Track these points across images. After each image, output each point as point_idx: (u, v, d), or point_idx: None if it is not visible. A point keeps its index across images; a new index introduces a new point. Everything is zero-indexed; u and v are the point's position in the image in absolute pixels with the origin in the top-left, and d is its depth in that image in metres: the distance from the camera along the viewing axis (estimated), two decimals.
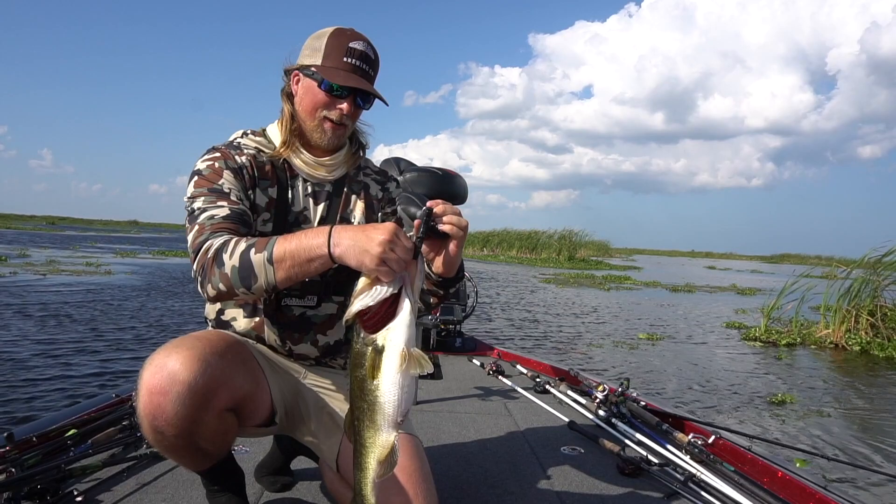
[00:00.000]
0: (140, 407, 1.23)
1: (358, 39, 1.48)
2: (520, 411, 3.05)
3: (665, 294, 18.40)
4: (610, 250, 52.66)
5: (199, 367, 1.22)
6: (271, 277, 1.18)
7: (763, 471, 2.23)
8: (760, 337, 9.27)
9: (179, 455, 1.41)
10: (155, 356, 1.25)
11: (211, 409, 1.26)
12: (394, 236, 1.08)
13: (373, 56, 1.50)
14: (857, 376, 7.19)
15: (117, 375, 5.11)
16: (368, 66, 1.48)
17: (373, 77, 1.51)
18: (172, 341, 1.31)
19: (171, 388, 1.20)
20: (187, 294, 11.17)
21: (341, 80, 1.43)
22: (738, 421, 4.80)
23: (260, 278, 1.19)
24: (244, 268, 1.19)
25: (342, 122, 1.48)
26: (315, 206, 1.56)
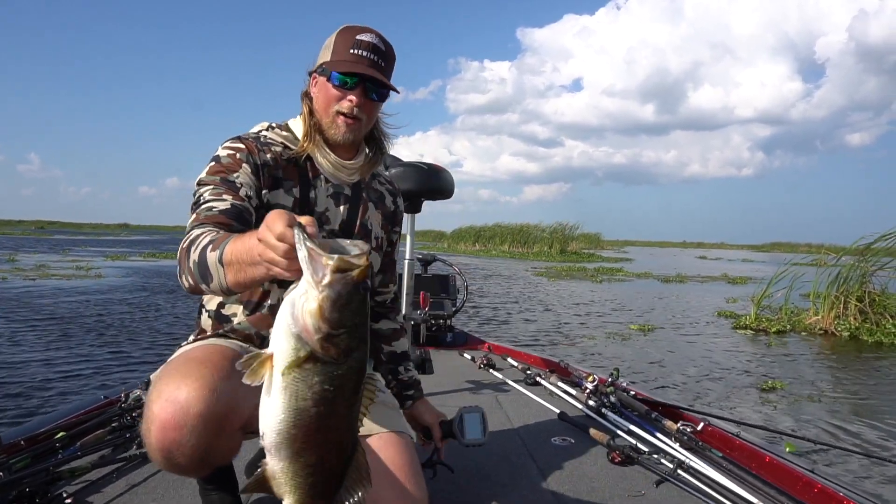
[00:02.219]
0: (152, 441, 1.18)
1: (366, 32, 1.47)
2: (511, 404, 3.06)
3: (657, 285, 18.49)
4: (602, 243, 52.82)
5: (211, 397, 1.18)
6: (223, 279, 1.10)
7: (751, 456, 2.25)
8: (751, 325, 9.35)
9: (188, 474, 1.40)
10: (163, 386, 1.19)
11: (224, 434, 1.22)
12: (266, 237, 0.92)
13: (383, 48, 1.48)
14: (847, 361, 7.26)
15: (106, 378, 5.09)
16: (378, 56, 1.46)
17: (385, 69, 1.48)
18: (176, 366, 1.26)
19: (185, 421, 1.15)
20: (178, 295, 11.12)
21: (346, 68, 1.43)
22: (728, 408, 4.84)
23: (214, 278, 1.12)
24: (202, 265, 1.14)
25: (354, 116, 1.46)
26: (336, 207, 1.55)
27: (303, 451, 0.87)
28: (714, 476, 2.08)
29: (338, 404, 0.87)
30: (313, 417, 0.85)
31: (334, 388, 0.85)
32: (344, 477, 0.93)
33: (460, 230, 47.41)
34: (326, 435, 0.87)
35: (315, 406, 0.85)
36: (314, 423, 0.85)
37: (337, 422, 0.88)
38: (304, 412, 0.85)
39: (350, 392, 0.88)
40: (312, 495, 0.90)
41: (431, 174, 2.81)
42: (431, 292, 4.38)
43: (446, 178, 2.88)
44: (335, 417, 0.87)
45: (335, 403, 0.86)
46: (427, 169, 2.79)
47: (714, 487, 2.02)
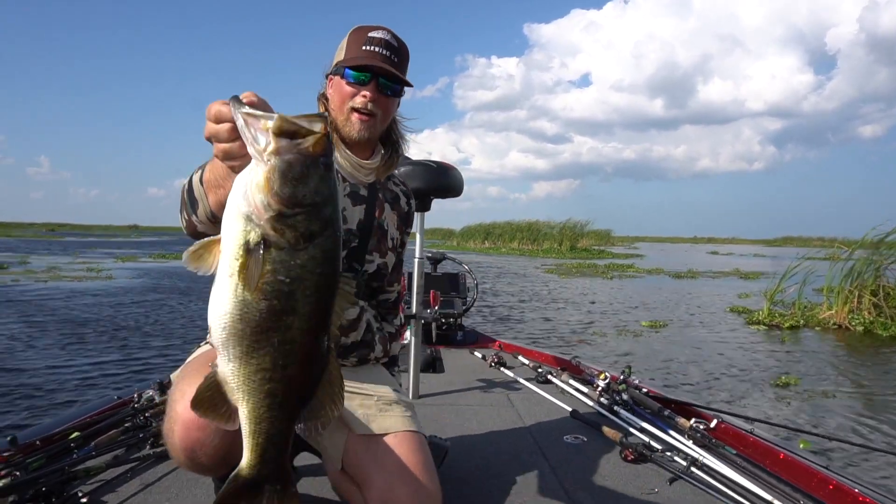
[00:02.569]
0: (176, 440, 1.18)
1: (379, 29, 1.48)
2: (522, 402, 3.05)
3: (668, 281, 18.39)
4: (612, 239, 52.62)
5: None
6: (206, 203, 1.08)
7: (765, 453, 2.23)
8: (763, 320, 9.27)
9: (209, 473, 1.41)
10: (185, 386, 1.19)
11: None
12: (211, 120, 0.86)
13: (396, 44, 1.48)
14: (861, 356, 7.18)
15: (119, 378, 5.13)
16: (391, 52, 1.47)
17: (398, 64, 1.48)
18: (197, 367, 1.26)
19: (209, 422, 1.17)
20: (189, 296, 11.20)
21: (358, 63, 1.43)
22: (742, 405, 4.80)
23: (199, 203, 1.09)
24: (190, 191, 1.12)
25: (369, 111, 1.46)
26: (353, 207, 1.56)
27: (253, 352, 0.77)
28: (728, 473, 2.06)
29: (296, 300, 0.76)
30: (264, 312, 0.75)
31: (290, 279, 0.75)
32: (311, 390, 0.84)
33: (469, 228, 47.42)
34: (284, 334, 0.77)
35: (266, 299, 0.74)
36: (265, 320, 0.75)
37: (296, 321, 0.77)
38: (252, 305, 0.74)
39: (312, 288, 0.77)
40: (269, 405, 0.81)
41: (441, 173, 2.81)
42: (441, 291, 4.38)
43: (456, 176, 2.88)
44: (293, 316, 0.77)
45: (292, 299, 0.76)
46: (437, 167, 2.79)
47: (728, 485, 2.01)
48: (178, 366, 1.45)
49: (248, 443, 0.84)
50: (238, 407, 0.81)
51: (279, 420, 0.83)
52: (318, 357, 0.83)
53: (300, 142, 0.73)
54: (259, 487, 0.88)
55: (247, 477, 0.87)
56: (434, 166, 2.78)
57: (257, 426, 0.82)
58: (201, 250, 0.78)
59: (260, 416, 0.82)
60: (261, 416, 0.82)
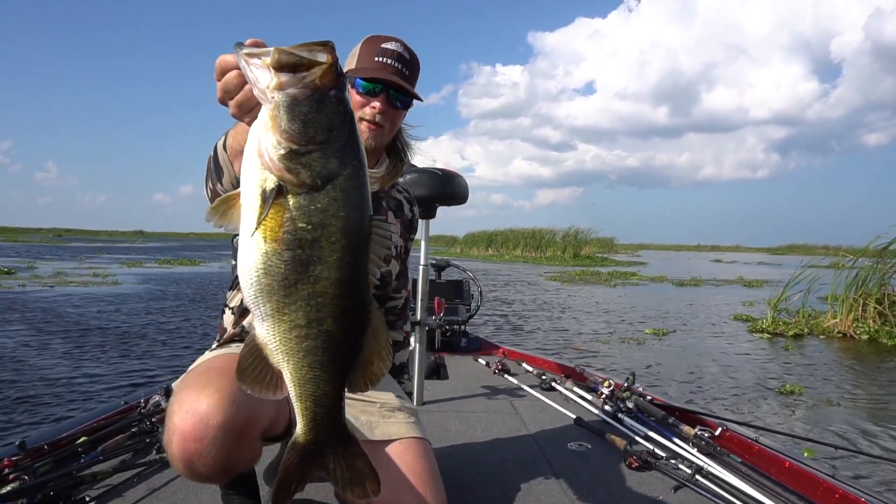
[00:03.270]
0: (174, 451, 1.19)
1: (392, 41, 1.49)
2: (526, 409, 3.06)
3: (671, 289, 18.35)
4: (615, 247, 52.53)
5: (230, 408, 1.17)
6: (230, 169, 1.06)
7: (770, 461, 2.23)
8: (768, 329, 9.24)
9: (209, 482, 1.42)
10: (183, 397, 1.20)
11: (244, 443, 1.23)
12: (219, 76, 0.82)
13: (408, 56, 1.50)
14: (866, 365, 7.15)
15: (126, 384, 5.15)
16: (403, 65, 1.48)
17: (409, 77, 1.50)
18: (195, 377, 1.26)
19: (206, 433, 1.15)
20: (195, 302, 11.23)
21: (370, 74, 1.44)
22: (746, 413, 4.79)
23: (224, 170, 1.08)
24: (216, 158, 1.10)
25: (377, 122, 1.47)
26: None
27: (285, 308, 0.73)
28: (733, 481, 2.06)
29: (322, 249, 0.71)
30: (288, 263, 0.71)
31: (312, 225, 0.70)
32: (355, 346, 0.79)
33: (473, 235, 47.44)
34: (314, 286, 0.72)
35: (289, 249, 0.70)
36: (291, 272, 0.71)
37: (326, 271, 0.72)
38: (275, 257, 0.71)
39: (338, 234, 0.72)
40: (311, 364, 0.77)
41: (446, 180, 2.83)
42: (446, 298, 4.39)
43: (461, 183, 2.89)
44: (321, 266, 0.72)
45: (317, 247, 0.71)
46: (442, 175, 2.80)
47: (733, 493, 2.01)
48: (182, 371, 1.46)
49: (298, 408, 0.81)
50: (281, 370, 0.77)
51: (324, 380, 0.78)
52: (356, 310, 0.77)
53: (304, 74, 0.68)
54: (321, 453, 0.85)
55: (304, 444, 0.83)
56: (439, 174, 2.80)
57: (302, 389, 0.78)
58: (223, 205, 0.75)
59: (303, 377, 0.77)
60: (304, 378, 0.77)
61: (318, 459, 0.85)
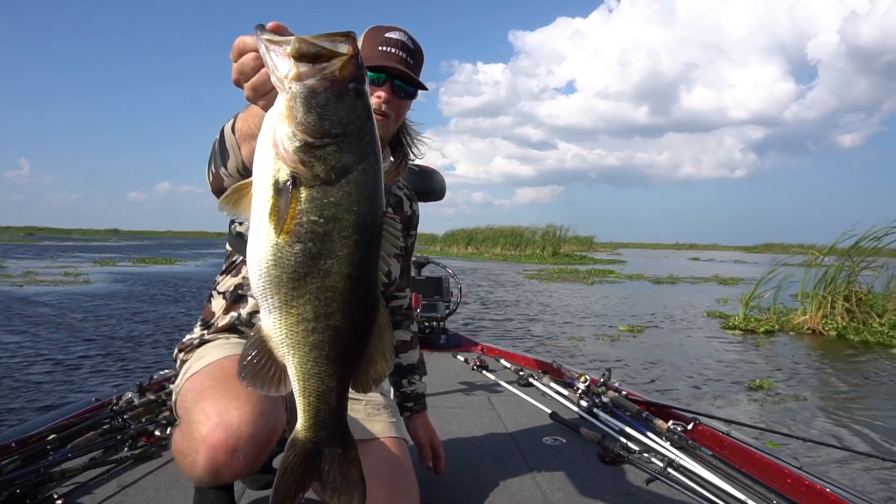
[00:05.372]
0: (200, 461, 1.15)
1: (395, 30, 1.47)
2: (503, 405, 3.07)
3: (648, 286, 18.58)
4: (595, 245, 53.02)
5: (259, 420, 1.16)
6: (237, 153, 1.03)
7: (740, 454, 2.28)
8: (740, 325, 9.42)
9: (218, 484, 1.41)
10: (210, 408, 1.16)
11: (266, 452, 1.23)
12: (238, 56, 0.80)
13: (412, 46, 1.48)
14: (833, 360, 7.33)
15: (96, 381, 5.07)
16: (407, 54, 1.46)
17: (413, 67, 1.48)
18: (218, 384, 1.23)
19: (238, 445, 1.14)
20: (168, 299, 11.07)
21: (374, 63, 1.41)
22: (718, 407, 4.88)
23: (230, 155, 1.04)
24: (221, 142, 1.07)
25: (382, 112, 1.44)
26: None
27: (293, 301, 0.72)
28: (704, 474, 2.10)
29: (333, 243, 0.71)
30: (299, 256, 0.70)
31: (325, 219, 0.70)
32: (362, 343, 0.78)
33: (453, 233, 47.49)
34: (323, 281, 0.72)
35: (299, 242, 0.70)
36: (301, 265, 0.71)
37: (336, 265, 0.72)
38: (286, 249, 0.70)
39: (350, 228, 0.71)
40: (317, 359, 0.76)
41: (423, 177, 2.83)
42: (425, 294, 4.39)
43: (437, 179, 2.90)
44: (332, 260, 0.71)
45: (329, 241, 0.71)
46: (418, 171, 2.80)
47: (704, 485, 2.04)
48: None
49: (300, 403, 0.80)
50: (286, 364, 0.76)
51: (329, 376, 0.77)
52: (365, 306, 0.77)
53: (324, 65, 0.67)
54: (319, 452, 0.83)
55: (303, 440, 0.82)
56: (416, 170, 2.80)
57: (306, 383, 0.77)
58: (235, 194, 0.74)
59: (308, 371, 0.76)
60: (309, 372, 0.76)
61: (315, 458, 0.84)
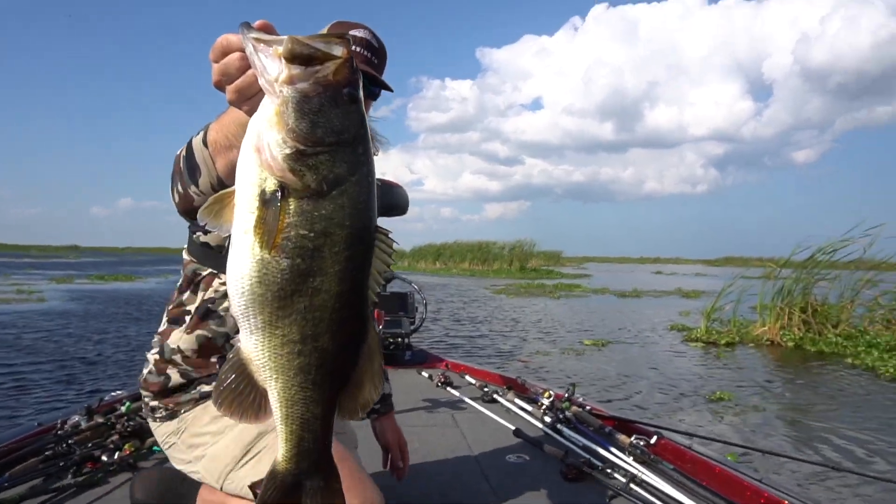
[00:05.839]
0: None
1: (360, 28, 1.43)
2: (467, 421, 3.04)
3: (613, 300, 18.82)
4: (561, 259, 53.55)
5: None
6: (211, 167, 0.94)
7: (702, 468, 2.29)
8: (701, 338, 9.59)
9: None
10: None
11: None
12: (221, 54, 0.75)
13: (376, 45, 1.45)
14: (791, 371, 7.52)
15: (47, 403, 4.85)
16: (371, 53, 1.43)
17: (377, 66, 1.45)
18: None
19: None
20: (124, 319, 10.73)
21: None
22: (680, 420, 4.93)
23: (202, 169, 0.95)
24: (189, 156, 0.97)
25: None
26: None
27: (278, 321, 0.67)
28: (665, 489, 2.10)
29: (324, 259, 0.66)
30: (286, 273, 0.66)
31: (315, 233, 0.65)
32: (350, 367, 0.74)
33: (420, 248, 47.41)
34: (312, 300, 0.67)
35: (287, 258, 0.65)
36: (288, 282, 0.66)
37: (326, 283, 0.67)
38: (272, 265, 0.65)
39: (342, 244, 0.67)
40: (302, 383, 0.71)
41: (385, 191, 2.79)
42: (389, 310, 4.34)
43: (400, 194, 2.86)
44: (321, 278, 0.67)
45: (319, 257, 0.66)
46: (380, 185, 2.77)
47: (666, 500, 2.04)
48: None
49: (282, 431, 0.74)
50: (267, 389, 0.71)
51: (314, 402, 0.72)
52: (354, 327, 0.72)
53: (318, 69, 0.63)
54: (299, 485, 0.77)
55: (284, 472, 0.76)
56: (378, 184, 2.77)
57: (290, 409, 0.72)
58: (217, 205, 0.68)
59: (292, 397, 0.71)
60: (293, 398, 0.71)
61: (297, 493, 0.77)
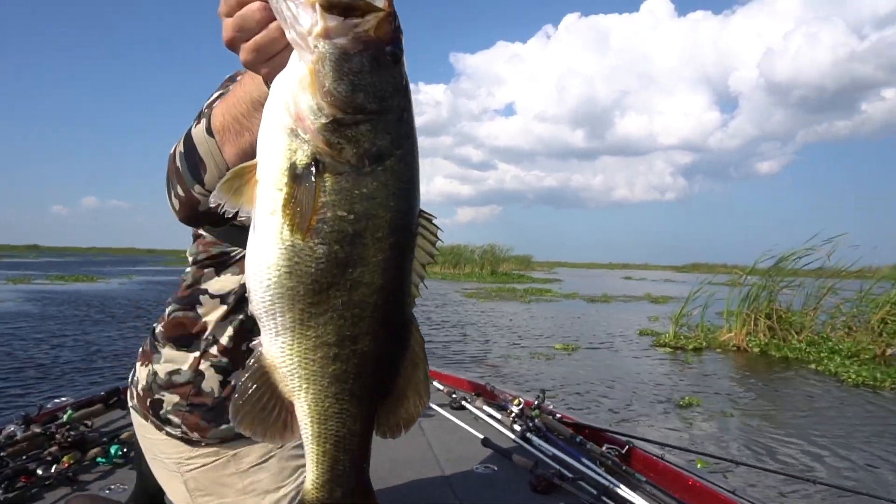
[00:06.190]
0: None
1: None
2: (434, 430, 2.94)
3: (583, 305, 18.94)
4: (532, 264, 53.88)
5: None
6: (217, 156, 0.79)
7: (674, 479, 2.23)
8: (670, 343, 9.67)
9: None
10: None
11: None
12: None
13: None
14: (757, 376, 7.61)
15: None
16: None
17: None
18: None
19: None
20: (87, 321, 10.35)
21: None
22: (650, 427, 4.91)
23: (207, 162, 0.80)
24: (188, 151, 0.82)
25: None
26: None
27: (311, 319, 0.57)
28: (638, 502, 2.03)
29: (365, 246, 0.56)
30: (322, 262, 0.55)
31: (355, 215, 0.55)
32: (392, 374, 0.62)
33: None
34: (351, 294, 0.57)
35: (324, 243, 0.55)
36: (325, 273, 0.55)
37: (367, 275, 0.57)
38: (305, 253, 0.55)
39: (385, 228, 0.57)
40: (337, 394, 0.59)
41: None
42: None
43: None
44: (363, 267, 0.57)
45: (359, 243, 0.56)
46: None
47: None
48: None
49: (313, 452, 0.62)
50: (295, 402, 0.60)
51: (352, 416, 0.61)
52: (397, 327, 0.62)
53: (357, 21, 0.53)
54: None
55: (316, 500, 0.63)
56: None
57: (322, 426, 0.61)
58: (236, 180, 0.57)
59: (325, 410, 0.60)
60: (326, 412, 0.60)
61: None
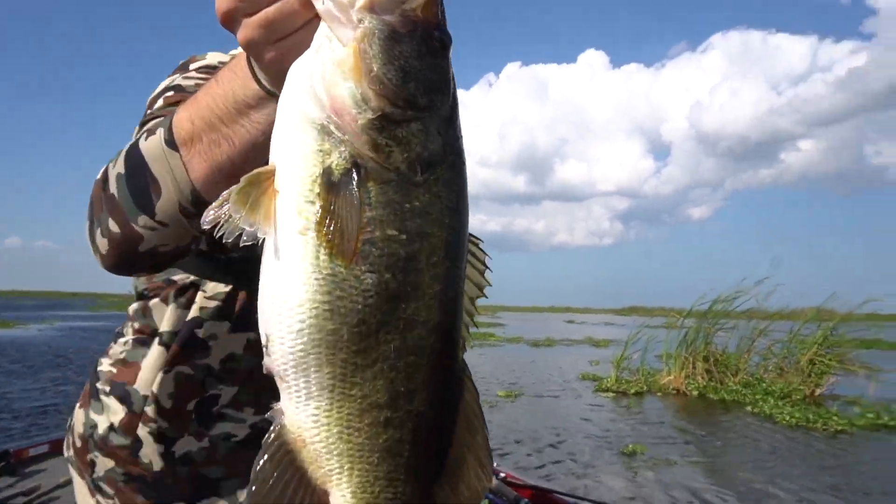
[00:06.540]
0: None
1: None
2: None
3: (527, 349, 19.00)
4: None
5: None
6: (181, 175, 0.60)
7: None
8: (612, 387, 9.74)
9: None
10: None
11: None
12: None
13: None
14: (698, 421, 7.72)
15: None
16: None
17: None
18: None
19: None
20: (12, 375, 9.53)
21: None
22: (597, 481, 4.84)
23: (163, 181, 0.60)
24: (133, 170, 0.63)
25: None
26: None
27: (357, 374, 0.42)
28: None
29: (420, 272, 0.43)
30: (373, 296, 0.41)
31: (409, 235, 0.43)
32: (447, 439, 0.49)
33: None
34: (403, 339, 0.44)
35: (374, 272, 0.41)
36: (376, 311, 0.42)
37: (423, 311, 0.44)
38: (355, 285, 0.41)
39: (442, 251, 0.45)
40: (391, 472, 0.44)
41: None
42: None
43: None
44: (418, 301, 0.44)
45: (415, 271, 0.43)
46: None
47: None
48: None
49: None
50: (333, 490, 0.44)
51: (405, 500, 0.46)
52: (450, 379, 0.50)
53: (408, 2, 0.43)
54: None
55: None
56: None
57: None
58: (253, 190, 0.43)
59: (375, 498, 0.45)
60: (377, 499, 0.45)
61: None
